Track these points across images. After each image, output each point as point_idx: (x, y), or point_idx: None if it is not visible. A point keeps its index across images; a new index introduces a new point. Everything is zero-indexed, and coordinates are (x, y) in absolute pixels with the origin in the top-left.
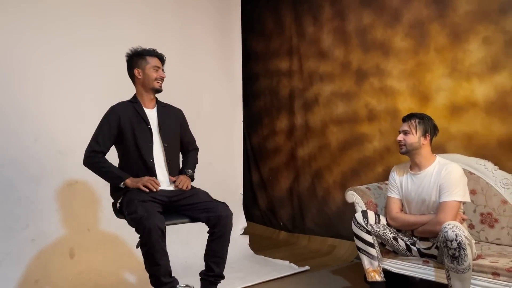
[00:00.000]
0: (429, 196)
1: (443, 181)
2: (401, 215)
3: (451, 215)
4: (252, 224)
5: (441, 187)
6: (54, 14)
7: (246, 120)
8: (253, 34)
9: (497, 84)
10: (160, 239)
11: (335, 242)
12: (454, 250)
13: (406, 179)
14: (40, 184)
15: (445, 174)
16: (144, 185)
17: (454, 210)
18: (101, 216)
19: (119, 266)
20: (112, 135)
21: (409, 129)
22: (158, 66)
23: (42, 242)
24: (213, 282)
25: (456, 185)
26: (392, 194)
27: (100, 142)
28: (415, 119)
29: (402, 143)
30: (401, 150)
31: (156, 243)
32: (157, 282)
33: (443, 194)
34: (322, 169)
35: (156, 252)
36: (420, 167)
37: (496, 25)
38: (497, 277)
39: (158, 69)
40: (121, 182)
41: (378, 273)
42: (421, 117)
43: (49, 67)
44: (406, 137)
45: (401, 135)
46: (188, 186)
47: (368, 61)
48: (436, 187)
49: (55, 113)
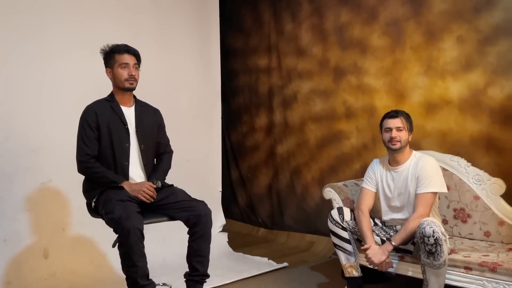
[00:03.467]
0: (408, 188)
1: (420, 173)
2: (361, 217)
3: (428, 206)
4: (231, 221)
5: (418, 179)
6: (29, 15)
7: (225, 117)
8: (232, 31)
9: (470, 82)
10: (138, 240)
11: (314, 238)
12: (431, 246)
13: (386, 175)
14: (13, 183)
15: (421, 166)
16: (144, 196)
17: (431, 201)
18: (76, 215)
19: (94, 266)
20: (96, 135)
21: (402, 126)
22: (126, 63)
23: (14, 243)
24: (199, 281)
25: (432, 177)
26: (368, 186)
27: (88, 144)
28: (404, 116)
29: (397, 139)
30: (394, 146)
31: (134, 244)
32: (134, 284)
33: (420, 186)
34: (300, 166)
35: (133, 254)
36: (399, 163)
37: (469, 24)
38: (469, 271)
39: (126, 66)
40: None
41: (355, 269)
42: (407, 114)
43: (21, 64)
44: (400, 133)
45: (394, 131)
46: (150, 200)
47: (345, 59)
48: (414, 179)
49: (27, 111)
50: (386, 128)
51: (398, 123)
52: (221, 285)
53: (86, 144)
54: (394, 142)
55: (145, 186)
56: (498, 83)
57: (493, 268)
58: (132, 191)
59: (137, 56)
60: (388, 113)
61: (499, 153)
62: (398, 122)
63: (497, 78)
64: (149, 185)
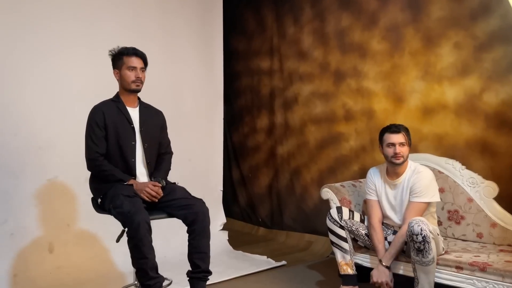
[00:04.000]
0: (403, 200)
1: (414, 186)
2: (371, 232)
3: (418, 215)
4: (232, 220)
5: (412, 189)
6: (37, 14)
7: (228, 118)
8: (235, 33)
9: (466, 87)
10: (147, 233)
11: (312, 238)
12: (419, 243)
13: (383, 186)
14: (20, 179)
15: (415, 178)
16: (146, 195)
17: (421, 210)
18: (80, 211)
19: (98, 261)
20: (104, 133)
21: (404, 141)
22: (134, 66)
23: (21, 237)
24: (201, 278)
25: (426, 190)
26: (372, 197)
27: (97, 143)
28: (405, 131)
29: (400, 155)
30: (398, 161)
31: (144, 237)
32: (145, 276)
33: (412, 196)
34: (300, 167)
35: (143, 246)
36: (399, 175)
37: (466, 31)
38: (460, 270)
39: (133, 69)
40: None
41: (350, 267)
42: (406, 128)
43: (31, 63)
44: (403, 149)
45: (398, 147)
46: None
47: (346, 63)
48: (408, 190)
49: (35, 108)
50: (389, 143)
51: (401, 139)
52: (220, 281)
53: (95, 142)
54: (398, 157)
55: (148, 186)
56: (493, 88)
57: (483, 268)
58: (136, 190)
59: (144, 59)
60: (388, 127)
61: (493, 157)
62: (401, 138)
63: (492, 83)
64: (152, 185)
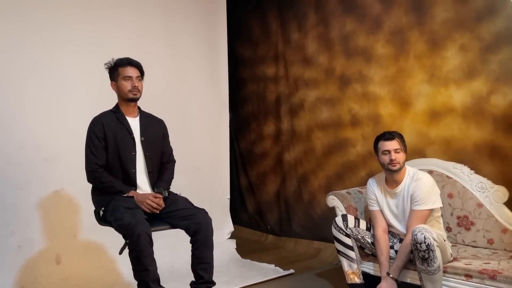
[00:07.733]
0: (405, 208)
1: (415, 194)
2: (375, 245)
3: (422, 223)
4: (240, 227)
5: (412, 197)
6: (40, 23)
7: (235, 125)
8: (240, 40)
9: (473, 90)
10: (148, 244)
11: (321, 245)
12: (424, 252)
13: (383, 196)
14: (26, 191)
15: (414, 186)
16: (147, 207)
17: (425, 218)
18: (87, 222)
19: (104, 271)
20: (103, 144)
21: (399, 147)
22: (129, 76)
23: (28, 249)
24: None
25: (426, 197)
26: (374, 207)
27: (97, 154)
28: (399, 137)
29: (397, 162)
30: (395, 168)
31: (145, 248)
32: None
33: (414, 204)
34: (307, 173)
35: (144, 258)
36: (398, 182)
37: (472, 33)
38: (469, 278)
39: (129, 78)
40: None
41: (357, 276)
42: (401, 134)
43: (35, 74)
44: (399, 155)
45: (393, 153)
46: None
47: (351, 67)
48: (409, 198)
49: (40, 121)
50: (384, 151)
51: (395, 145)
52: None
53: (94, 154)
54: (394, 163)
55: (149, 198)
56: (501, 90)
57: (492, 276)
58: (137, 202)
59: (140, 68)
60: (382, 135)
61: (502, 161)
62: (395, 144)
63: (499, 85)
64: (153, 196)
